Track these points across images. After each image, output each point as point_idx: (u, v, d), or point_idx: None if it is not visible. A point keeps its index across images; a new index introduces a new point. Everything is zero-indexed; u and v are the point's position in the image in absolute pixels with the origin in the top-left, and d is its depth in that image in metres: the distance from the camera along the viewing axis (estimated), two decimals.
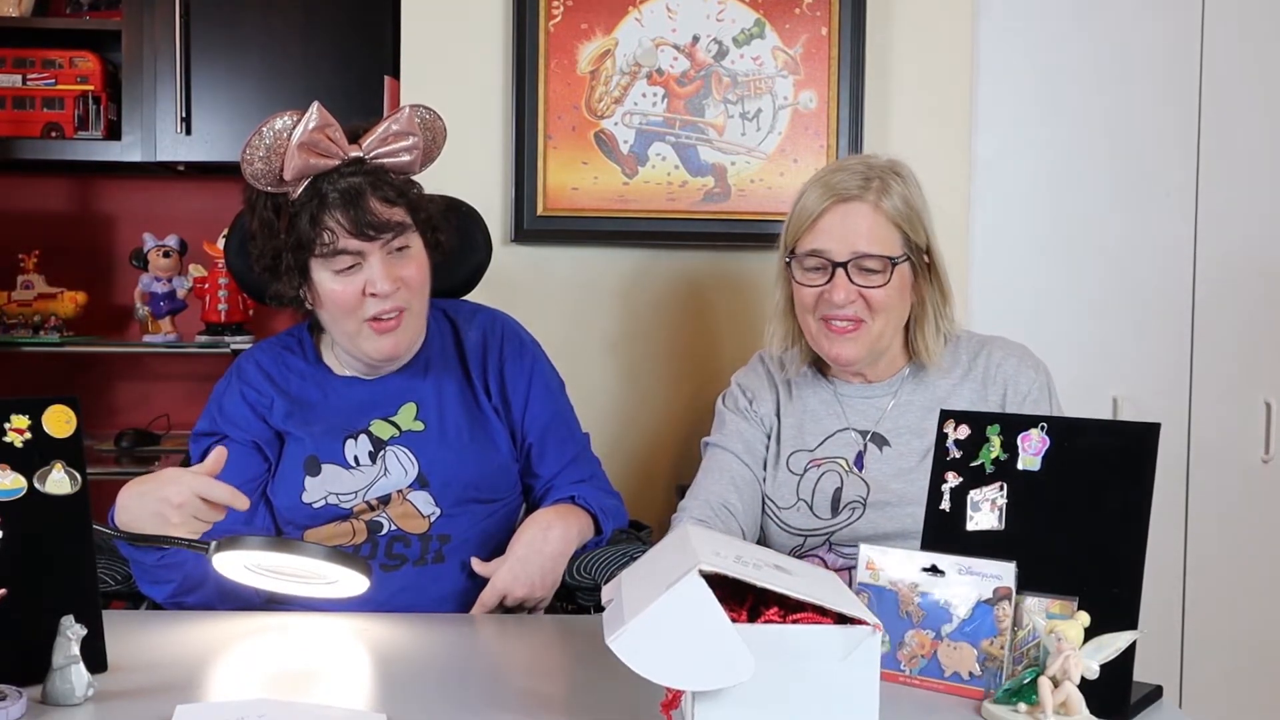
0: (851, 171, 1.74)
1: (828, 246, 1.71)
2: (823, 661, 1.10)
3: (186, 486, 1.48)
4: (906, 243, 1.73)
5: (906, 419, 1.77)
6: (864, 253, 1.70)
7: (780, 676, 1.10)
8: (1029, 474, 1.35)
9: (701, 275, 2.47)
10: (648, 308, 2.48)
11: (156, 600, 1.67)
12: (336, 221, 1.66)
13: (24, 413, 1.30)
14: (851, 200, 1.71)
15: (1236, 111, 2.60)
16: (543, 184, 2.40)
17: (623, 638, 1.08)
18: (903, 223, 1.72)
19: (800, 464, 1.80)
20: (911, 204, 1.73)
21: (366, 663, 1.41)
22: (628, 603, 1.12)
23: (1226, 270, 2.61)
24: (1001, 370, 1.78)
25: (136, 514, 1.49)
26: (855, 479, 1.75)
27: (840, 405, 1.81)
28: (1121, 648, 1.19)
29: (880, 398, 1.79)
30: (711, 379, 2.39)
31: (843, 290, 1.70)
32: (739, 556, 1.17)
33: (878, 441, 1.77)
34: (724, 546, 1.21)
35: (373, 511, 1.74)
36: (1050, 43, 2.58)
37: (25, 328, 3.03)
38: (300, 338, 1.87)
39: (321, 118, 1.65)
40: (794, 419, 1.83)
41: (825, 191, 1.73)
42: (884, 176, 1.73)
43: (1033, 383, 1.78)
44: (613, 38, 2.40)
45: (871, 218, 1.71)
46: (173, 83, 2.87)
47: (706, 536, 1.25)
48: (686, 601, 1.08)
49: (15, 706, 1.17)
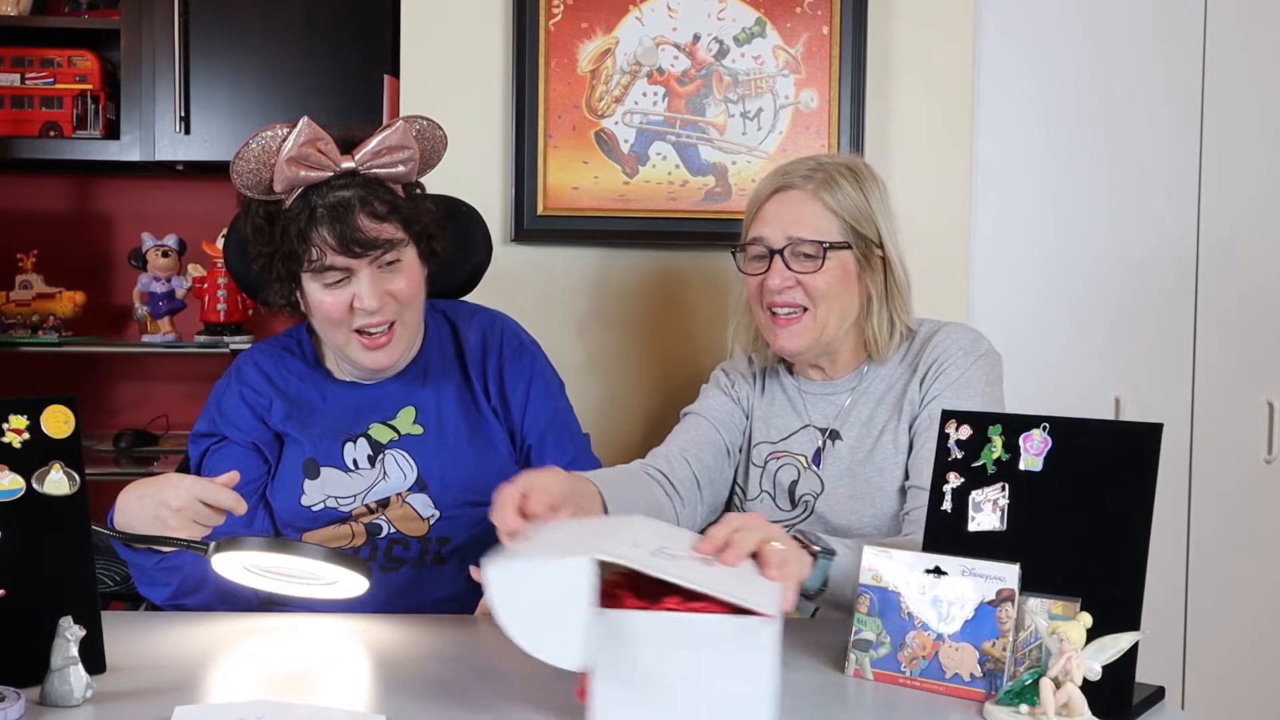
0: (800, 164, 1.77)
1: (764, 233, 1.74)
2: (717, 650, 1.12)
3: (186, 490, 1.47)
4: (850, 233, 1.73)
5: (857, 412, 1.78)
6: (798, 238, 1.71)
7: (676, 664, 1.13)
8: (1031, 474, 1.35)
9: (702, 275, 2.47)
10: (648, 307, 2.48)
11: (155, 602, 1.66)
12: (323, 238, 1.65)
13: (22, 413, 1.30)
14: (790, 189, 1.73)
15: (1238, 110, 2.59)
16: (543, 183, 2.40)
17: (496, 569, 1.17)
18: (845, 214, 1.72)
19: (762, 456, 1.83)
20: (861, 198, 1.73)
21: (366, 664, 1.41)
22: (529, 546, 1.21)
23: (1228, 270, 2.60)
24: (935, 347, 1.75)
25: (135, 516, 1.49)
26: (811, 474, 1.78)
27: (803, 402, 1.83)
28: (1124, 649, 1.19)
29: (839, 394, 1.81)
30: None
31: (778, 275, 1.71)
32: (661, 548, 1.21)
33: (833, 437, 1.78)
34: (650, 538, 1.24)
35: (372, 514, 1.74)
36: (1052, 42, 2.58)
37: (23, 328, 3.03)
38: (299, 339, 1.86)
39: (310, 132, 1.62)
40: (762, 412, 1.85)
41: (768, 182, 1.77)
42: (832, 171, 1.74)
43: (955, 352, 1.72)
44: (613, 37, 2.40)
45: (808, 204, 1.72)
46: (171, 82, 2.86)
47: (645, 526, 1.30)
48: (566, 575, 1.14)
49: (14, 708, 1.17)
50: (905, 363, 1.78)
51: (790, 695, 1.32)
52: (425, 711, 1.24)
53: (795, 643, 1.49)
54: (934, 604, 1.31)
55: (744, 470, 1.85)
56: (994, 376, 1.74)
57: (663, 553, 1.20)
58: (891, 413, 1.75)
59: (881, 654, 1.34)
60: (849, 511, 1.74)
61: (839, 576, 1.44)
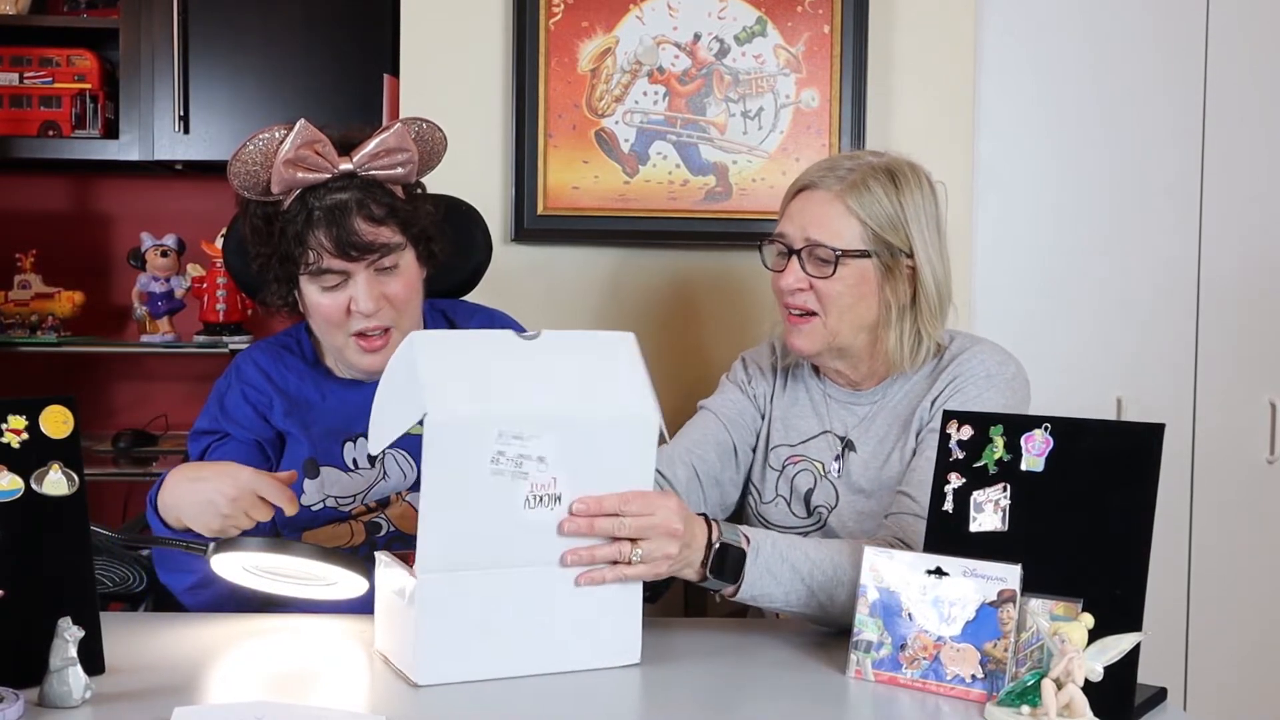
0: (835, 163, 1.70)
1: (786, 230, 1.69)
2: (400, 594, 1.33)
3: (246, 480, 1.48)
4: (875, 240, 1.65)
5: (876, 426, 1.73)
6: (815, 241, 1.65)
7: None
8: (1032, 475, 1.34)
9: (703, 274, 2.47)
10: (648, 307, 2.48)
11: (174, 589, 1.66)
12: (319, 241, 1.64)
13: (21, 413, 1.30)
14: (816, 188, 1.67)
15: (1241, 110, 2.59)
16: (543, 183, 2.39)
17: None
18: (871, 220, 1.64)
19: (780, 460, 1.78)
20: (894, 205, 1.65)
21: (366, 664, 1.40)
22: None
23: (1231, 270, 2.60)
24: (957, 365, 1.69)
25: (183, 499, 1.50)
26: (826, 484, 1.73)
27: (825, 407, 1.77)
28: (1125, 650, 1.19)
29: (862, 405, 1.74)
30: (713, 378, 2.37)
31: (791, 275, 1.67)
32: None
33: (850, 447, 1.74)
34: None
35: (371, 514, 1.73)
36: (1053, 41, 2.57)
37: (22, 328, 3.02)
38: (299, 338, 1.86)
39: (307, 134, 1.62)
40: (781, 412, 1.81)
41: (801, 176, 1.71)
42: (866, 173, 1.66)
43: (977, 374, 1.66)
44: (613, 36, 2.39)
45: (830, 207, 1.65)
46: (170, 81, 2.86)
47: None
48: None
49: (13, 709, 1.16)
50: (929, 380, 1.70)
51: (790, 696, 1.32)
52: (425, 713, 1.24)
53: (796, 643, 1.49)
54: (935, 605, 1.31)
55: (760, 472, 1.80)
56: (1014, 402, 1.65)
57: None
58: (903, 430, 1.69)
59: (883, 655, 1.33)
60: (859, 529, 1.68)
61: (749, 592, 1.45)
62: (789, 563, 1.46)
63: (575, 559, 1.34)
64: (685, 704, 1.31)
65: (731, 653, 1.48)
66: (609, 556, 1.35)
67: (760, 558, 1.45)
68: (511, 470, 1.30)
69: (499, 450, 1.29)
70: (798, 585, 1.45)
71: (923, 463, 1.60)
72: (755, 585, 1.45)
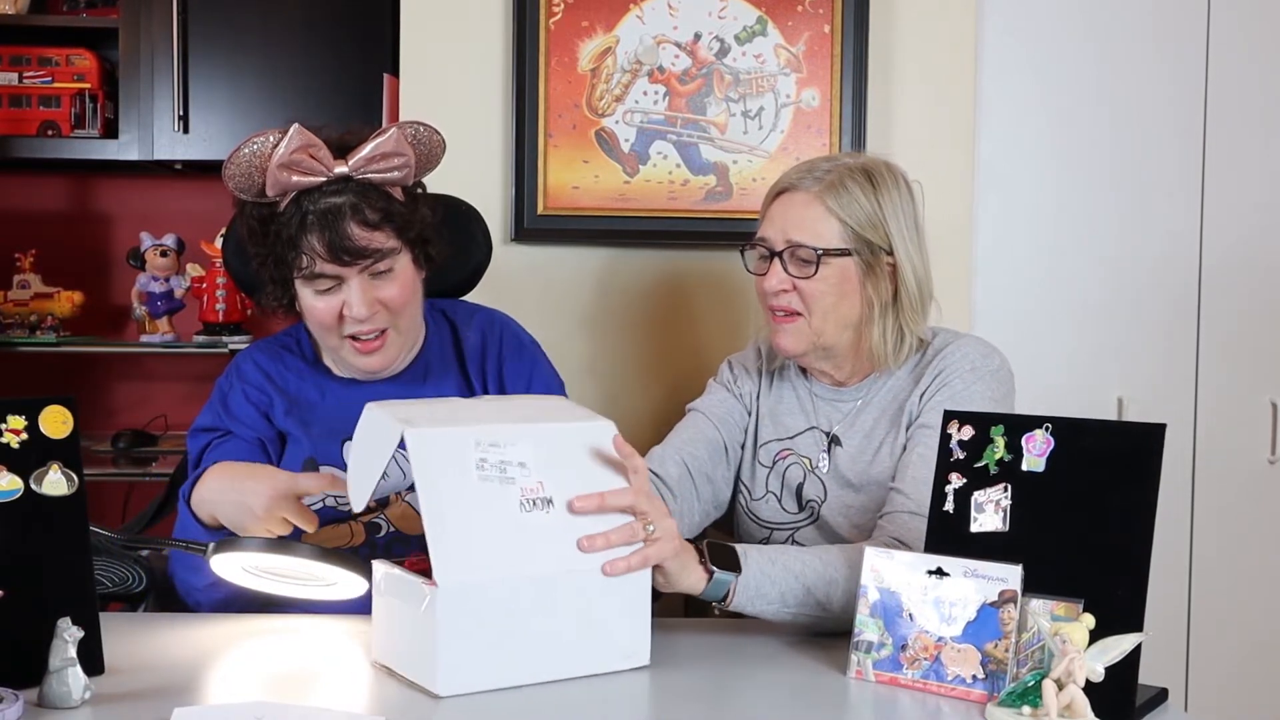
0: (815, 164, 1.72)
1: (767, 234, 1.71)
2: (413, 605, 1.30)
3: (283, 485, 1.51)
4: (855, 239, 1.67)
5: (861, 421, 1.74)
6: (796, 242, 1.67)
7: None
8: (1033, 475, 1.34)
9: (703, 274, 2.47)
10: (648, 307, 2.48)
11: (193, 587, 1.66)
12: (312, 246, 1.64)
13: (20, 413, 1.30)
14: (795, 190, 1.69)
15: (1242, 110, 2.59)
16: (543, 183, 2.39)
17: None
18: (850, 219, 1.66)
19: (770, 455, 1.80)
20: (872, 204, 1.67)
21: (366, 664, 1.40)
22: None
23: (1232, 270, 2.60)
24: (942, 359, 1.70)
25: (219, 498, 1.53)
26: (815, 478, 1.75)
27: (812, 405, 1.79)
28: (1127, 650, 1.18)
29: (848, 402, 1.76)
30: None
31: (774, 277, 1.68)
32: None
33: (835, 442, 1.75)
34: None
35: (371, 514, 1.73)
36: (1054, 41, 2.57)
37: (22, 327, 3.02)
38: (298, 338, 1.86)
39: (301, 139, 1.61)
40: (769, 409, 1.82)
41: (780, 180, 1.73)
42: (843, 173, 1.68)
43: (962, 367, 1.68)
44: (614, 35, 2.39)
45: (810, 208, 1.67)
46: (170, 81, 2.86)
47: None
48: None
49: (12, 709, 1.16)
50: (913, 374, 1.73)
51: (791, 696, 1.32)
52: (424, 713, 1.23)
53: (796, 644, 1.49)
54: (936, 605, 1.31)
55: (750, 470, 1.82)
56: (999, 394, 1.68)
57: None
58: (891, 424, 1.71)
59: (883, 655, 1.33)
60: (849, 522, 1.71)
61: (743, 597, 1.45)
62: (780, 564, 1.47)
63: (591, 544, 1.34)
64: (692, 705, 1.31)
65: (733, 654, 1.47)
66: (625, 537, 1.36)
67: (750, 556, 1.46)
68: (498, 475, 1.32)
69: (480, 458, 1.32)
70: (792, 583, 1.46)
71: (914, 459, 1.62)
72: (751, 585, 1.45)
